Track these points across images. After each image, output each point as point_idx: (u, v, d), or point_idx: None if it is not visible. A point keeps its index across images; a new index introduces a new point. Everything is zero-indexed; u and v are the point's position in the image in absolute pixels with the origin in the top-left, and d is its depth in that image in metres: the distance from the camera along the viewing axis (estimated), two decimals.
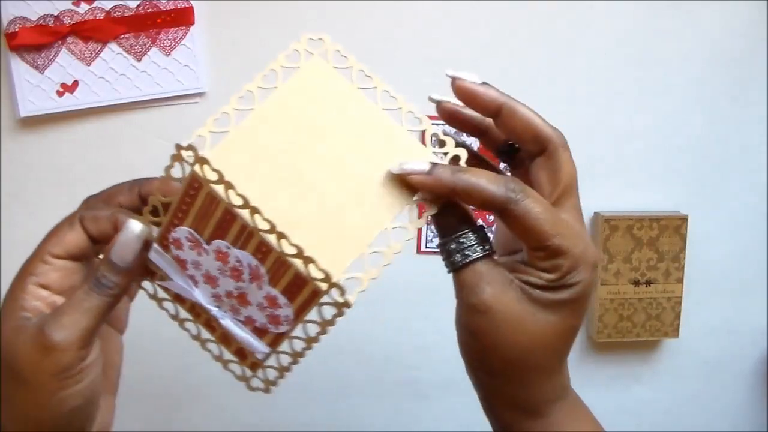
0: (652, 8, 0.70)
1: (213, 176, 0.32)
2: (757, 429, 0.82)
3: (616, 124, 0.73)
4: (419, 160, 0.34)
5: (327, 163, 0.34)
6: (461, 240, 0.34)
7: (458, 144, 0.36)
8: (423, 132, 0.36)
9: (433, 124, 0.36)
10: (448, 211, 0.34)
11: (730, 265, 0.77)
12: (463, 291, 0.34)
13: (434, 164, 0.33)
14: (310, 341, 0.33)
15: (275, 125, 0.35)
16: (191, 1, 0.64)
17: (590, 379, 0.77)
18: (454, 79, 0.37)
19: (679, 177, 0.75)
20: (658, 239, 0.72)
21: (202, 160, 0.33)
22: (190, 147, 0.34)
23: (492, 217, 0.72)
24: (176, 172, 0.34)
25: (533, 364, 0.34)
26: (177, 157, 0.34)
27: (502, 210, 0.33)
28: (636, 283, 0.73)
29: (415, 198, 0.34)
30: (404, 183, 0.34)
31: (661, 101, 0.73)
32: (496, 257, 0.35)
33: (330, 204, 0.33)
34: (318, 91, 0.36)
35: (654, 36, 0.71)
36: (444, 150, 0.35)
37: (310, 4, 0.66)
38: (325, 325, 0.32)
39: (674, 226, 0.72)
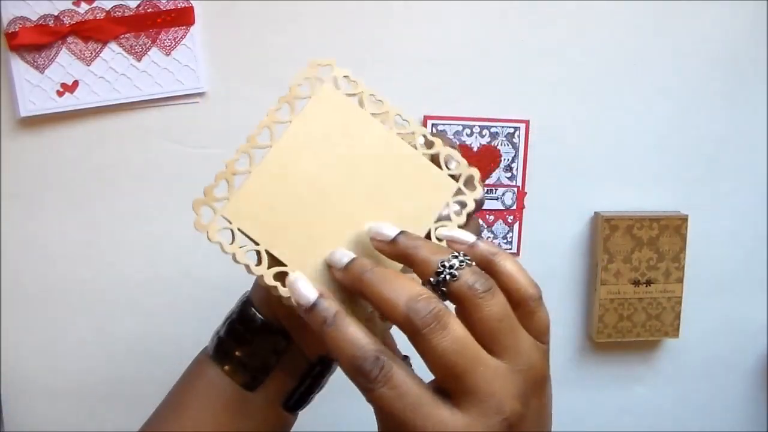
0: (652, 8, 0.70)
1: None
2: (757, 429, 0.82)
3: (616, 124, 0.73)
4: (310, 286, 0.32)
5: (347, 200, 0.35)
6: None
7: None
8: (437, 154, 0.36)
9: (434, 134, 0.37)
10: None
11: (730, 265, 0.77)
12: None
13: (319, 297, 0.31)
14: None
15: (293, 163, 0.35)
16: (191, 1, 0.64)
17: (590, 379, 0.77)
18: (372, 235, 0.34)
19: (679, 177, 0.75)
20: (658, 239, 0.72)
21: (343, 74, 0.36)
22: (329, 61, 0.36)
23: (492, 217, 0.72)
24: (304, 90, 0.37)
25: None
26: (308, 73, 0.36)
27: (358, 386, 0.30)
28: (636, 283, 0.73)
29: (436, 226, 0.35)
30: (422, 213, 0.35)
31: (661, 101, 0.73)
32: None
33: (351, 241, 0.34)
34: (331, 122, 0.36)
35: (654, 36, 0.71)
36: (457, 171, 0.36)
37: (310, 4, 0.66)
38: None
39: (674, 226, 0.72)
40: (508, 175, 0.72)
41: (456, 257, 0.30)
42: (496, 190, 0.72)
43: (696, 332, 0.77)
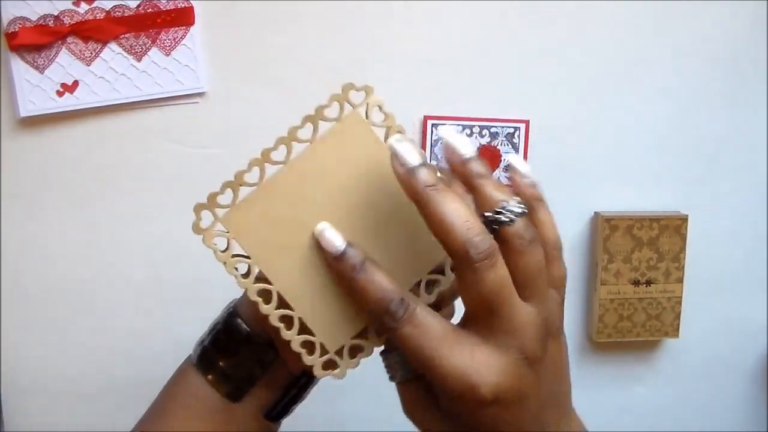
0: (652, 8, 0.70)
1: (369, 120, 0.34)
2: (757, 429, 0.82)
3: (617, 124, 0.73)
4: (337, 235, 0.33)
5: (347, 235, 0.34)
6: (387, 359, 0.35)
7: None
8: None
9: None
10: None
11: (730, 265, 0.77)
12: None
13: (348, 246, 0.32)
14: None
15: (302, 187, 0.34)
16: (191, 1, 0.64)
17: (590, 379, 0.77)
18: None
19: (679, 177, 0.75)
20: (658, 239, 0.72)
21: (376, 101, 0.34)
22: (366, 87, 0.34)
23: None
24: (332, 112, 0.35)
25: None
26: (341, 98, 0.34)
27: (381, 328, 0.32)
28: (636, 283, 0.73)
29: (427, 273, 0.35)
30: (416, 262, 0.34)
31: (661, 101, 0.73)
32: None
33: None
34: (350, 152, 0.34)
35: (654, 36, 0.71)
36: None
37: (310, 4, 0.66)
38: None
39: (674, 226, 0.72)
40: (508, 175, 0.72)
41: (518, 204, 0.32)
42: None
43: (696, 332, 0.77)
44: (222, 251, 0.34)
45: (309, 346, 0.34)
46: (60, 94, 0.64)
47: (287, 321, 0.34)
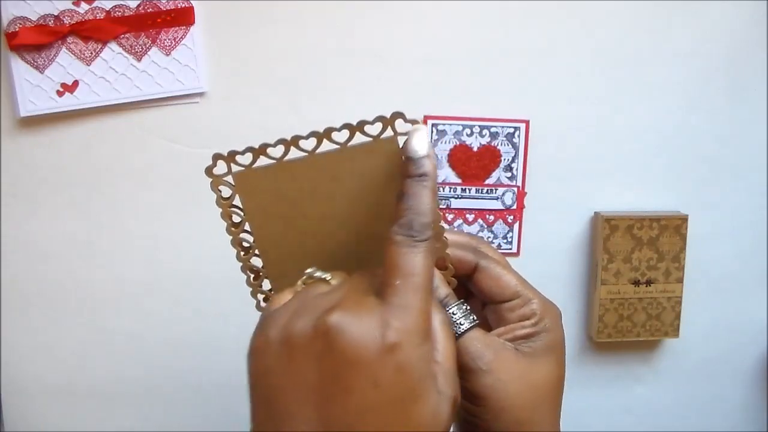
0: (653, 8, 0.70)
1: None
2: (757, 429, 0.82)
3: (616, 123, 0.73)
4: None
5: (336, 237, 0.36)
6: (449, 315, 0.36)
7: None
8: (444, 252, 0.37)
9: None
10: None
11: (730, 265, 0.77)
12: (464, 359, 0.35)
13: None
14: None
15: (317, 181, 0.36)
16: (191, 1, 0.64)
17: (590, 379, 0.77)
18: None
19: (679, 177, 0.75)
20: (658, 239, 0.72)
21: None
22: (415, 122, 0.36)
23: (492, 217, 0.72)
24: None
25: (540, 419, 0.36)
26: (386, 121, 0.36)
27: (475, 268, 0.37)
28: (636, 283, 0.73)
29: None
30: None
31: (661, 101, 0.73)
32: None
33: (320, 257, 0.37)
34: (372, 171, 0.36)
35: (654, 36, 0.71)
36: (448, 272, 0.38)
37: (310, 4, 0.66)
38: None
39: (674, 226, 0.72)
40: (508, 175, 0.72)
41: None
42: (496, 190, 0.72)
43: (696, 332, 0.77)
44: (224, 199, 0.36)
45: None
46: (60, 93, 0.64)
47: (255, 273, 0.37)
